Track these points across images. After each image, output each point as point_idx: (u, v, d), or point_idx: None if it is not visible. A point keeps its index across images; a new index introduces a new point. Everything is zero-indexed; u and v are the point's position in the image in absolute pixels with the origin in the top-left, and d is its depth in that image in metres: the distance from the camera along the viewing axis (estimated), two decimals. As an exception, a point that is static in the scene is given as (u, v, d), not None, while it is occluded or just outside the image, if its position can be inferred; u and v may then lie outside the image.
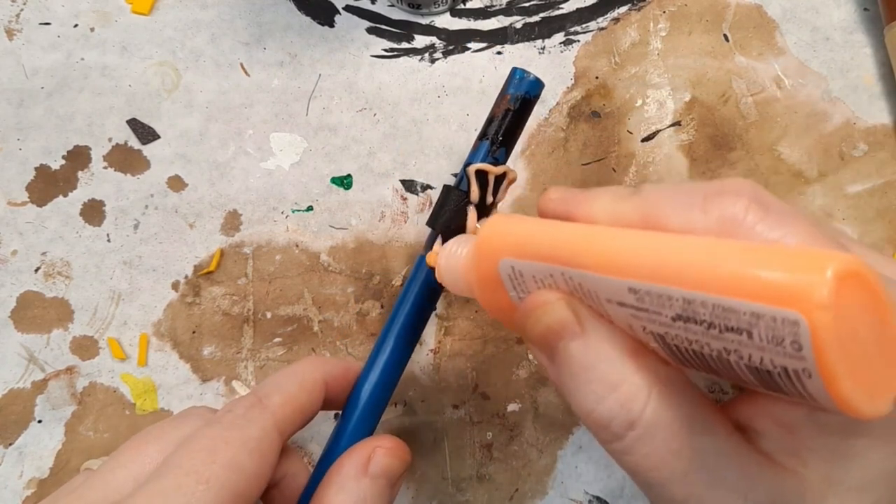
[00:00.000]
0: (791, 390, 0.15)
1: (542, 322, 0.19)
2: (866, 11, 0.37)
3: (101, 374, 0.33)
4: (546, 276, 0.19)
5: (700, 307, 0.15)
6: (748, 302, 0.14)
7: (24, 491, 0.32)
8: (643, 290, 0.16)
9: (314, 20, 0.36)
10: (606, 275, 0.17)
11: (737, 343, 0.15)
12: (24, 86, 0.35)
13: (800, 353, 0.14)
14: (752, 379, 0.16)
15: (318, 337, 0.33)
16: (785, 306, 0.14)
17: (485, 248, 0.21)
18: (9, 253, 0.34)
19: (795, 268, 0.14)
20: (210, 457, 0.20)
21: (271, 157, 0.35)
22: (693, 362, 0.17)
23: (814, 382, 0.14)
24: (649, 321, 0.17)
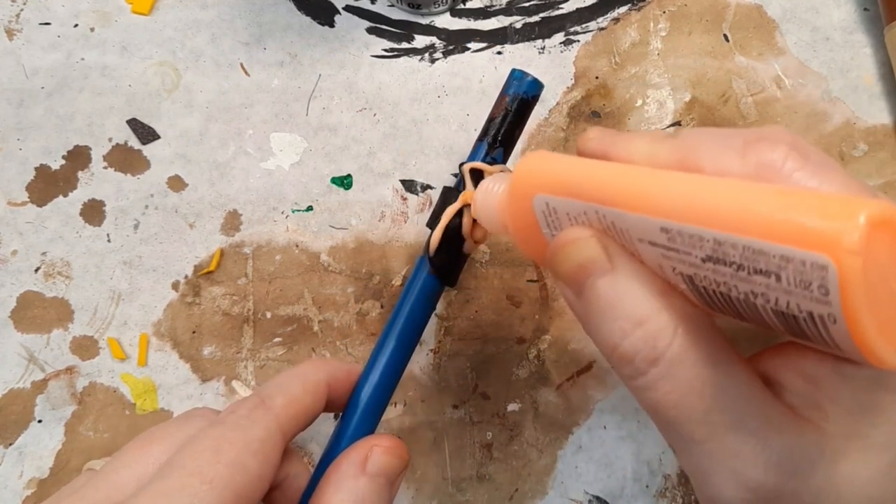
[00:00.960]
0: (816, 336, 0.15)
1: (573, 258, 0.19)
2: (866, 11, 0.37)
3: (101, 374, 0.33)
4: (580, 214, 0.19)
5: (730, 248, 0.15)
6: (778, 244, 0.14)
7: (24, 491, 0.32)
8: (675, 230, 0.16)
9: (314, 20, 0.36)
10: (639, 213, 0.17)
11: (765, 286, 0.15)
12: (24, 86, 0.35)
13: (826, 298, 0.14)
14: (777, 324, 0.16)
15: (318, 337, 0.33)
16: (814, 250, 0.14)
17: (520, 185, 0.21)
18: (9, 253, 0.34)
19: (827, 213, 0.14)
20: (214, 457, 0.20)
21: (271, 157, 0.35)
22: (720, 305, 0.17)
23: (838, 329, 0.14)
24: (679, 262, 0.17)
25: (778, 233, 0.14)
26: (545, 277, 0.34)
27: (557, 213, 0.20)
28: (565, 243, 0.20)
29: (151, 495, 0.20)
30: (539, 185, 0.20)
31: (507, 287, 0.34)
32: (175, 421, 0.24)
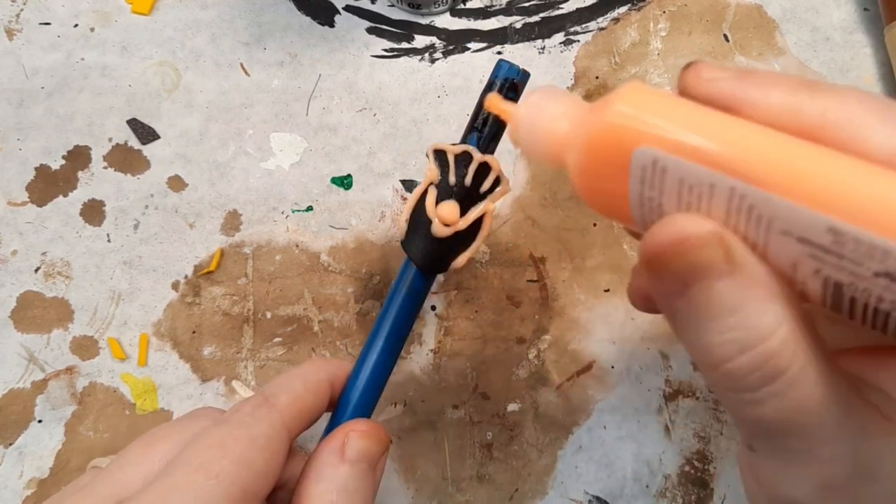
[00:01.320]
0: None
1: (685, 259, 0.16)
2: (866, 11, 0.37)
3: (101, 374, 0.33)
4: (703, 187, 0.15)
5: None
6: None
7: (23, 491, 0.32)
8: (850, 235, 0.14)
9: (314, 20, 0.36)
10: (804, 205, 0.14)
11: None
12: (24, 86, 0.35)
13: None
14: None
15: (318, 337, 0.33)
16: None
17: (618, 127, 0.17)
18: (9, 253, 0.34)
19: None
20: (220, 453, 0.20)
21: (271, 157, 0.35)
22: (859, 314, 0.15)
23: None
24: (837, 269, 0.14)
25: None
26: (545, 277, 0.34)
27: (666, 175, 0.16)
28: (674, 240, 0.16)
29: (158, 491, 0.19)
30: (648, 135, 0.16)
31: (507, 287, 0.34)
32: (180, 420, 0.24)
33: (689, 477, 0.33)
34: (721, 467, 0.33)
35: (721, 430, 0.33)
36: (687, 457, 0.33)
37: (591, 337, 0.34)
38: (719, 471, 0.33)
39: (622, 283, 0.34)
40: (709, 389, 0.33)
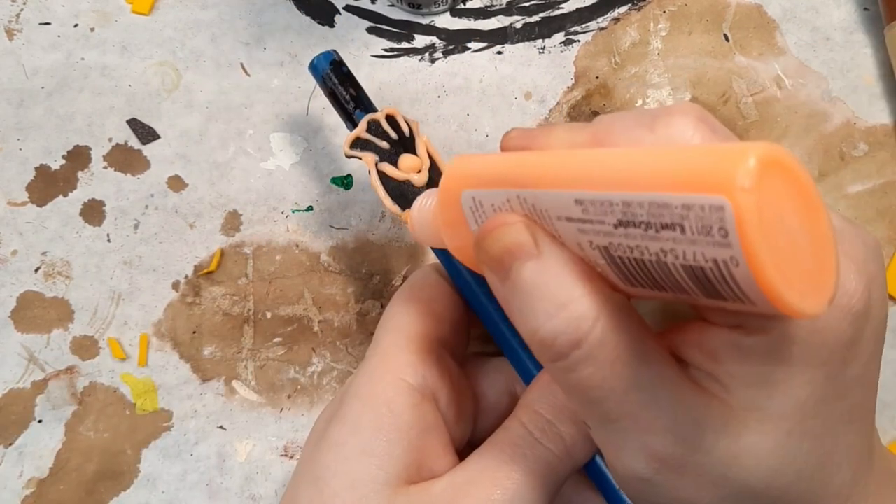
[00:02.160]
0: (724, 288, 0.15)
1: (501, 242, 0.19)
2: (866, 11, 0.37)
3: (102, 374, 0.33)
4: (503, 203, 0.20)
5: (637, 208, 0.16)
6: (678, 194, 0.15)
7: (23, 491, 0.32)
8: (587, 200, 0.17)
9: (314, 20, 0.36)
10: (555, 189, 0.18)
11: (672, 241, 0.15)
12: (24, 86, 0.35)
13: (726, 240, 0.14)
14: (690, 284, 0.16)
15: (318, 337, 0.33)
16: (711, 192, 0.14)
17: (448, 186, 0.22)
18: (9, 253, 0.34)
19: (722, 158, 0.14)
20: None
21: (271, 157, 0.35)
22: (637, 275, 0.17)
23: (742, 272, 0.14)
24: (594, 233, 0.17)
25: (677, 182, 0.15)
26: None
27: (483, 206, 0.20)
28: (493, 227, 0.20)
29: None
30: (465, 182, 0.21)
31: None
32: None
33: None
34: (721, 467, 0.32)
35: (721, 430, 0.33)
36: (687, 457, 0.33)
37: (591, 337, 0.34)
38: (719, 471, 0.32)
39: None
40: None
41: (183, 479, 0.32)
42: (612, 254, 0.17)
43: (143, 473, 0.32)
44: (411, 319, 0.26)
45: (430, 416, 0.24)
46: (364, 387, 0.24)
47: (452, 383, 0.25)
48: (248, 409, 0.33)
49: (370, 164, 0.27)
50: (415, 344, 0.25)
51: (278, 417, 0.33)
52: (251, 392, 0.33)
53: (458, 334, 0.27)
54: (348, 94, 0.28)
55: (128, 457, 0.32)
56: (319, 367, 0.33)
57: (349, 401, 0.24)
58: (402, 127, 0.28)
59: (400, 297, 0.27)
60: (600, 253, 0.18)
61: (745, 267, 0.14)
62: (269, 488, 0.32)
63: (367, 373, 0.25)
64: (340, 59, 0.29)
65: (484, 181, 0.20)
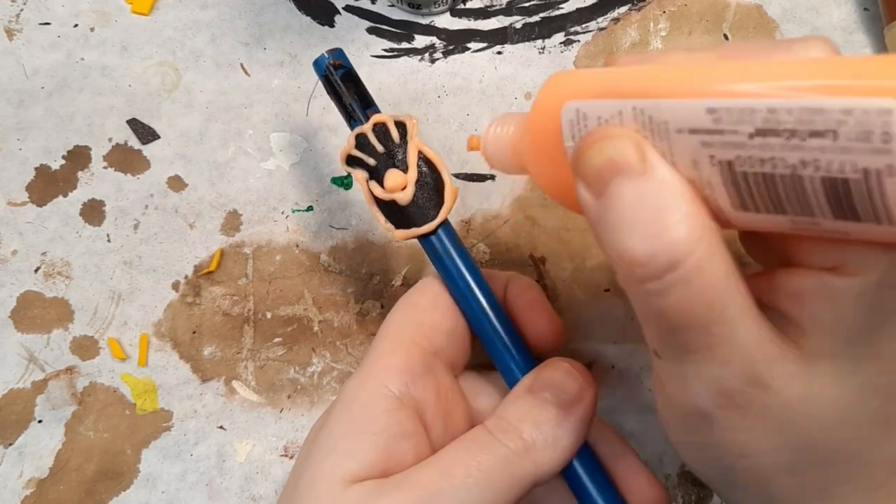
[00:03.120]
0: (864, 204, 0.15)
1: (604, 153, 0.18)
2: (866, 11, 0.37)
3: (102, 374, 0.33)
4: (613, 115, 0.18)
5: (785, 115, 0.15)
6: (839, 98, 0.14)
7: (23, 491, 0.32)
8: (723, 108, 0.16)
9: (314, 20, 0.36)
10: (684, 97, 0.17)
11: (818, 150, 0.15)
12: (24, 86, 0.35)
13: (887, 146, 0.14)
14: (821, 201, 0.16)
15: (318, 337, 0.33)
16: (878, 96, 0.14)
17: (546, 100, 0.20)
18: (9, 253, 0.34)
19: (888, 64, 0.14)
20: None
21: (271, 157, 0.35)
22: (758, 195, 0.17)
23: (893, 181, 0.14)
24: (722, 146, 0.16)
25: (840, 87, 0.15)
26: (545, 278, 0.34)
27: (588, 119, 0.19)
28: (596, 139, 0.18)
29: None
30: (570, 93, 0.19)
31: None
32: None
33: (689, 477, 0.33)
34: (721, 467, 0.32)
35: (721, 430, 0.33)
36: (687, 457, 0.33)
37: (591, 337, 0.34)
38: (719, 471, 0.32)
39: (622, 283, 0.34)
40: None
41: (183, 479, 0.32)
42: (735, 170, 0.17)
43: (143, 473, 0.32)
44: (404, 327, 0.25)
45: (407, 423, 0.24)
46: (348, 392, 0.25)
47: (441, 395, 0.25)
48: (248, 409, 0.33)
49: (361, 182, 0.26)
50: (403, 352, 0.25)
51: (278, 417, 0.33)
52: (251, 392, 0.33)
53: (456, 345, 0.26)
54: (351, 95, 0.28)
55: (128, 457, 0.32)
56: (319, 367, 0.33)
57: (334, 408, 0.25)
58: (393, 134, 0.27)
59: (398, 305, 0.27)
60: (719, 169, 0.17)
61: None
62: (269, 488, 0.32)
63: (354, 380, 0.25)
64: (345, 57, 0.28)
65: (594, 91, 0.19)
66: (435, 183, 0.27)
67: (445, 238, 0.26)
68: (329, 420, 0.24)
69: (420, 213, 0.26)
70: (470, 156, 0.35)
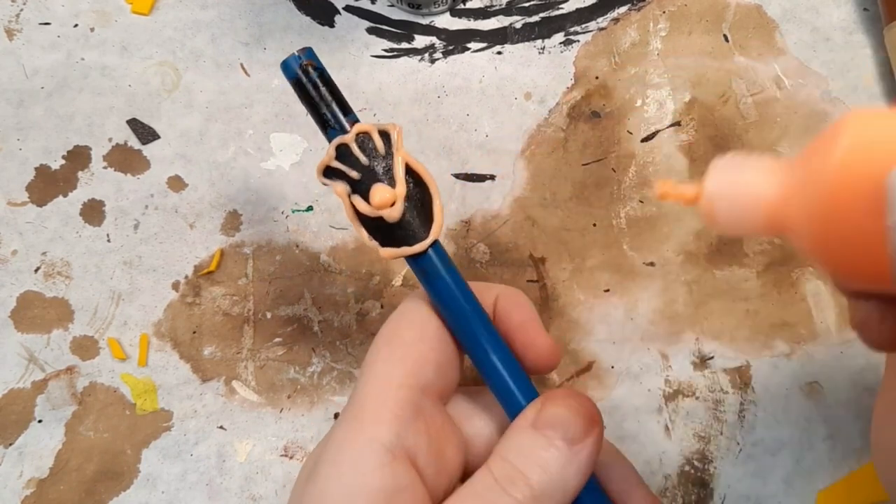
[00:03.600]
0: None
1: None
2: (866, 11, 0.37)
3: (102, 374, 0.33)
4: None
5: None
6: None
7: (23, 491, 0.32)
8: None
9: (314, 20, 0.36)
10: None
11: None
12: (24, 86, 0.35)
13: None
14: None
15: (318, 337, 0.33)
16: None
17: (859, 159, 0.15)
18: (9, 253, 0.34)
19: None
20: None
21: (271, 157, 0.35)
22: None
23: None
24: None
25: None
26: (545, 278, 0.34)
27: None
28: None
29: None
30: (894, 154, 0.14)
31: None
32: None
33: (688, 477, 0.33)
34: (721, 467, 0.33)
35: (721, 430, 0.33)
36: (687, 457, 0.33)
37: (591, 337, 0.34)
38: (719, 471, 0.33)
39: (622, 283, 0.34)
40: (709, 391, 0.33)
41: (183, 479, 0.32)
42: None
43: (143, 473, 0.32)
44: (391, 367, 0.24)
45: (403, 476, 0.23)
46: (335, 447, 0.23)
47: (432, 435, 0.24)
48: (248, 409, 0.33)
49: (342, 196, 0.24)
50: (391, 399, 0.23)
51: (278, 417, 0.33)
52: (251, 392, 0.33)
53: (446, 375, 0.25)
54: (328, 97, 0.25)
55: (128, 457, 0.32)
56: (319, 367, 0.33)
57: (322, 462, 0.23)
58: (378, 144, 0.25)
59: (382, 338, 0.25)
60: None
61: None
62: (269, 488, 0.32)
63: (342, 429, 0.24)
64: (317, 57, 0.26)
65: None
66: (421, 197, 0.25)
67: (436, 258, 0.25)
68: (319, 480, 0.23)
69: (407, 230, 0.24)
70: (470, 155, 0.35)
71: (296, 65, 0.25)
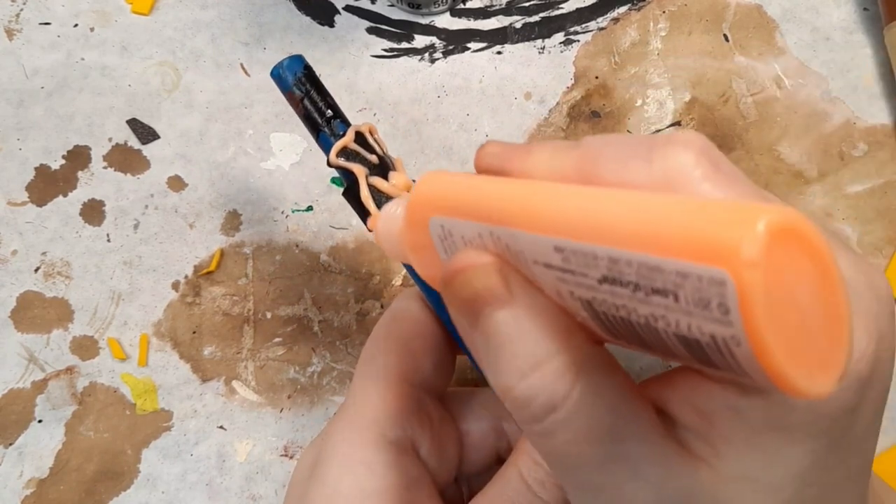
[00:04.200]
0: (722, 362, 0.13)
1: (470, 285, 0.17)
2: (866, 11, 0.37)
3: (102, 374, 0.33)
4: (475, 237, 0.17)
5: (626, 267, 0.14)
6: (673, 259, 0.13)
7: (23, 491, 0.32)
8: (569, 249, 0.15)
9: (314, 20, 0.36)
10: (532, 231, 0.16)
11: (663, 308, 0.13)
12: (24, 86, 0.35)
13: (727, 318, 0.12)
14: (682, 351, 0.14)
15: (318, 337, 0.33)
16: (711, 263, 0.12)
17: (416, 207, 0.19)
18: (9, 253, 0.34)
19: (725, 221, 0.12)
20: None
21: (271, 157, 0.35)
22: (623, 333, 0.15)
23: (743, 351, 0.12)
24: (576, 285, 0.15)
25: (672, 246, 0.13)
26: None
27: (453, 236, 0.18)
28: (460, 268, 0.17)
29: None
30: (434, 207, 0.19)
31: None
32: None
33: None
34: (721, 467, 0.32)
35: (721, 429, 0.33)
36: (687, 457, 0.33)
37: (591, 337, 0.34)
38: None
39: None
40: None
41: (183, 479, 0.32)
42: (595, 309, 0.15)
43: (143, 473, 0.32)
44: (389, 363, 0.24)
45: (412, 469, 0.23)
46: (341, 444, 0.23)
47: (433, 428, 0.24)
48: (248, 409, 0.33)
49: (361, 175, 0.25)
50: (393, 392, 0.24)
51: (278, 417, 0.33)
52: (251, 392, 0.33)
53: (441, 370, 0.26)
54: (323, 104, 0.26)
55: (128, 457, 0.32)
56: (319, 367, 0.33)
57: (328, 459, 0.23)
58: (382, 145, 0.26)
59: (379, 334, 0.26)
60: (582, 304, 0.16)
61: (748, 348, 0.12)
62: (269, 488, 0.32)
63: (345, 426, 0.24)
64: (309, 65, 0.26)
65: (454, 209, 0.18)
66: None
67: None
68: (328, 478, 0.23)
69: None
70: (470, 155, 0.35)
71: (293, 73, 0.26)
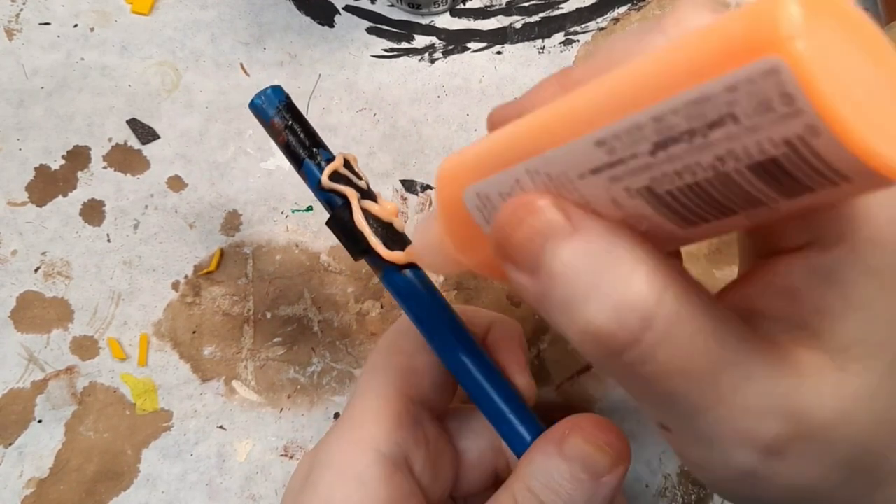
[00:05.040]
0: (807, 172, 0.12)
1: (524, 228, 0.16)
2: (866, 11, 0.37)
3: (102, 374, 0.33)
4: (513, 186, 0.16)
5: (672, 117, 0.13)
6: (717, 77, 0.12)
7: (23, 491, 0.32)
8: (609, 136, 0.14)
9: (314, 20, 0.36)
10: (567, 141, 0.15)
11: (726, 140, 0.12)
12: (24, 86, 0.35)
13: (795, 107, 0.11)
14: (764, 188, 0.13)
15: (318, 337, 0.33)
16: (755, 57, 0.11)
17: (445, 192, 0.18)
18: (9, 253, 0.34)
19: (753, 15, 0.12)
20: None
21: (271, 157, 0.35)
22: (696, 208, 0.14)
23: (824, 140, 0.11)
24: (630, 174, 0.14)
25: (709, 63, 0.12)
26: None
27: (491, 200, 0.17)
28: (509, 216, 0.16)
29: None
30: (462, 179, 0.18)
31: (507, 287, 0.34)
32: None
33: (688, 476, 0.33)
34: (721, 467, 0.33)
35: (721, 429, 0.33)
36: (687, 457, 0.33)
37: (590, 337, 0.34)
38: (719, 471, 0.33)
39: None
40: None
41: (183, 479, 0.32)
42: (657, 192, 0.14)
43: (143, 473, 0.32)
44: (389, 379, 0.24)
45: (405, 485, 0.23)
46: (336, 455, 0.23)
47: (429, 446, 0.24)
48: (248, 409, 0.33)
49: (353, 198, 0.25)
50: (391, 407, 0.24)
51: (278, 417, 0.33)
52: (251, 392, 0.33)
53: (442, 388, 0.26)
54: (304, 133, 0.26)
55: (128, 457, 0.32)
56: (319, 367, 0.33)
57: (322, 469, 0.23)
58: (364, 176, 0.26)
59: (381, 350, 0.26)
60: (643, 198, 0.14)
61: (826, 131, 0.11)
62: (269, 488, 0.32)
63: (341, 437, 0.24)
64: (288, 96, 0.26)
65: (482, 168, 0.17)
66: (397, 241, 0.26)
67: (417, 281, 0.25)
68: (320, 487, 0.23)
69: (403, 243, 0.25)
70: (470, 156, 0.35)
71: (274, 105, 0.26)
